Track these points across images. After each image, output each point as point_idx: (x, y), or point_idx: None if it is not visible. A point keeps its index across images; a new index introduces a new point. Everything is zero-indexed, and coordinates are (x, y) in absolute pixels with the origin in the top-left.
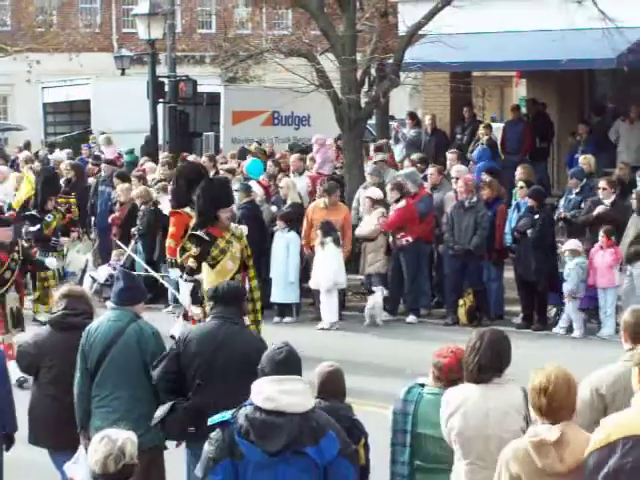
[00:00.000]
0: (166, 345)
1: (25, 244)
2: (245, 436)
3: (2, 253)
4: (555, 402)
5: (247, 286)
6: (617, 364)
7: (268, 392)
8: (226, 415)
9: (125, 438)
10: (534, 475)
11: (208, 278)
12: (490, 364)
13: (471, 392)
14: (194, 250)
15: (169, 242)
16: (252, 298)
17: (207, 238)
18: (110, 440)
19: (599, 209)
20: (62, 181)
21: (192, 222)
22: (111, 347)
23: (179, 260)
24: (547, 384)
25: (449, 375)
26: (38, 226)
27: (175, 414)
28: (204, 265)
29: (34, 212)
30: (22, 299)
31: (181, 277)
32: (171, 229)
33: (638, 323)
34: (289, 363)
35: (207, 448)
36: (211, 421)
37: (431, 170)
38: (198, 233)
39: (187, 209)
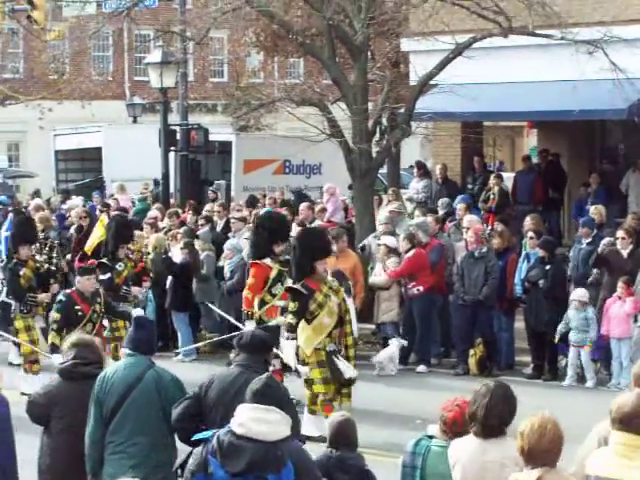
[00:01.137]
0: (185, 390)
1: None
2: (214, 455)
3: (84, 304)
4: (534, 447)
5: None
6: None
7: (242, 418)
8: (208, 433)
9: None
10: None
11: (304, 334)
12: (492, 420)
13: (470, 444)
14: (292, 305)
15: (246, 293)
16: (347, 356)
17: (305, 292)
18: None
19: (599, 249)
20: (74, 228)
21: (272, 274)
22: (129, 393)
23: (257, 313)
24: (530, 430)
25: (453, 428)
26: (109, 275)
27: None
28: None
29: (105, 260)
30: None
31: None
32: (250, 280)
33: None
34: (265, 393)
35: (190, 461)
36: (195, 437)
37: (429, 219)
38: (296, 286)
39: (267, 260)
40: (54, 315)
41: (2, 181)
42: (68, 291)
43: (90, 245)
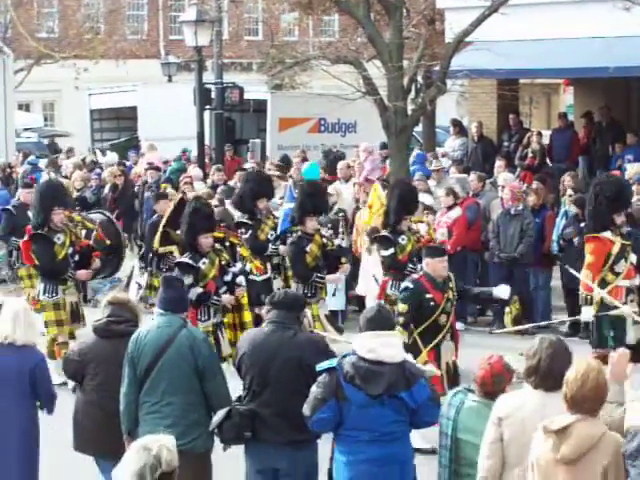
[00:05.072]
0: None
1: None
2: (350, 381)
3: (436, 292)
4: (576, 394)
5: None
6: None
7: (369, 345)
8: (333, 362)
9: (160, 445)
10: (542, 459)
11: None
12: (555, 372)
13: (531, 398)
14: None
15: (585, 273)
16: None
17: None
18: (145, 449)
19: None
20: (109, 187)
21: (614, 249)
22: (163, 353)
23: (600, 295)
24: (573, 377)
25: (482, 388)
26: (391, 250)
27: (232, 420)
28: None
29: (386, 233)
30: (457, 348)
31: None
32: (589, 258)
33: None
34: (378, 320)
35: (315, 390)
36: (319, 368)
37: (472, 177)
38: None
39: (607, 233)
40: (400, 307)
41: (37, 140)
42: (416, 276)
43: (367, 219)
